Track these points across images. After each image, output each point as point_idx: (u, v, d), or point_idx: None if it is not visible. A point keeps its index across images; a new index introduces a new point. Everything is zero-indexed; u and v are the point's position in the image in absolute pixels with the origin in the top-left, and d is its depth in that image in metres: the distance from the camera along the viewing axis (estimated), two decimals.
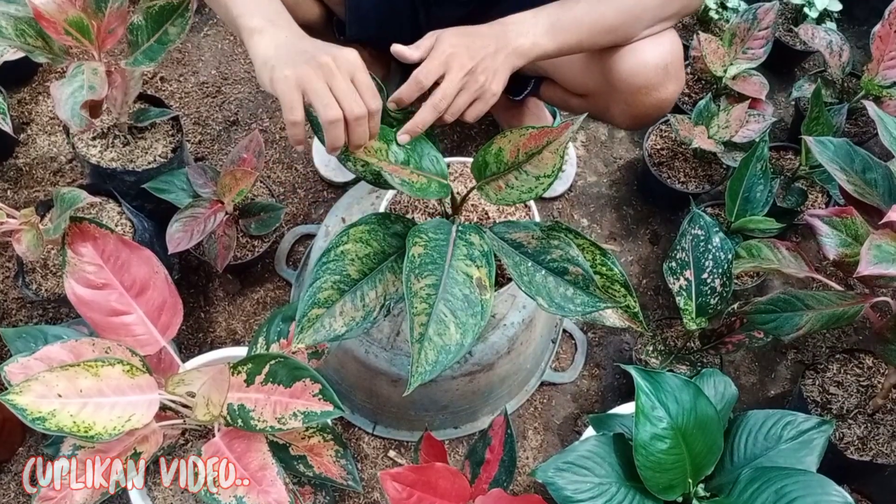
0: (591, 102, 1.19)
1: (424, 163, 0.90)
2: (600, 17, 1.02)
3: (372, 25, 1.23)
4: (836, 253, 0.99)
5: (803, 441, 0.99)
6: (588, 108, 1.21)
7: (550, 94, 1.28)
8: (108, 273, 0.96)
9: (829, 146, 1.08)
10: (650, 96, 1.09)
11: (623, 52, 1.06)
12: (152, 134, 1.32)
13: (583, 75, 1.15)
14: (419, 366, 0.79)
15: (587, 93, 1.17)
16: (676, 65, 1.08)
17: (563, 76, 1.19)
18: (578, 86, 1.18)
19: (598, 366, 1.38)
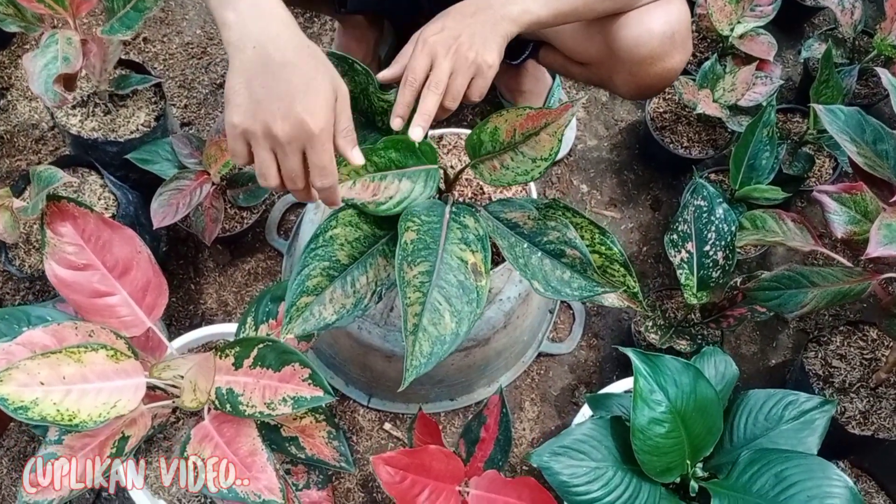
0: (592, 71, 1.13)
1: (410, 160, 0.85)
2: None
3: None
4: (845, 231, 0.96)
5: (805, 421, 0.97)
6: (589, 77, 1.16)
7: (550, 59, 1.23)
8: (89, 253, 0.93)
9: (839, 115, 1.03)
10: (655, 66, 1.04)
11: (627, 19, 1.00)
12: (134, 102, 1.27)
13: (584, 43, 1.09)
14: (413, 359, 0.77)
15: (589, 61, 1.12)
16: (683, 33, 1.03)
17: (563, 43, 1.14)
18: (580, 53, 1.12)
19: (596, 336, 1.36)
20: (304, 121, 0.71)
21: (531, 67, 1.47)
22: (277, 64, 0.71)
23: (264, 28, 0.73)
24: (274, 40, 0.72)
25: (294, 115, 0.71)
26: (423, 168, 0.87)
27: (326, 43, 1.58)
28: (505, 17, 0.91)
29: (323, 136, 0.73)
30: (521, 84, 1.48)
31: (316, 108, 0.72)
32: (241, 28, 0.73)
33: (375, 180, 0.84)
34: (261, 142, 0.73)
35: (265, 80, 0.71)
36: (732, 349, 1.36)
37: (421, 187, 0.86)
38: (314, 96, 0.72)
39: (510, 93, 1.49)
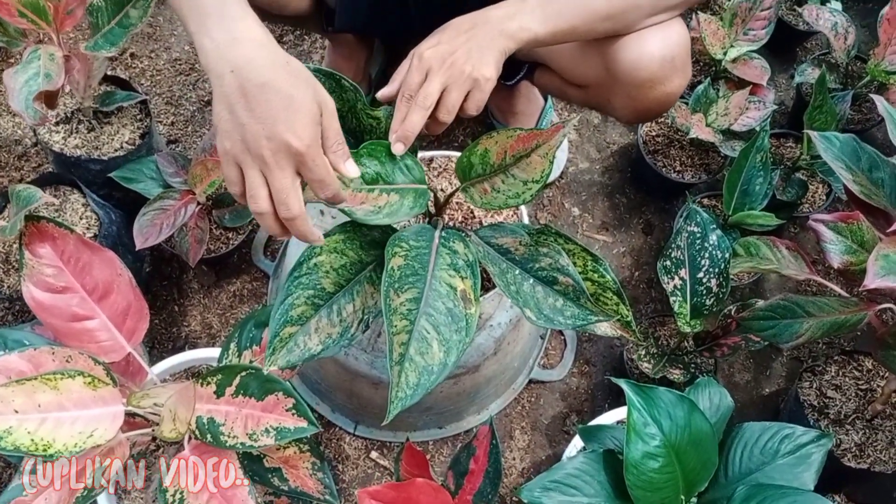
0: (590, 94, 1.11)
1: (397, 175, 0.83)
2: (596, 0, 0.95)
3: (361, 15, 1.15)
4: (841, 261, 0.94)
5: (801, 456, 0.95)
6: (586, 100, 1.14)
7: (546, 81, 1.21)
8: (68, 276, 0.91)
9: (834, 142, 1.02)
10: (655, 90, 1.02)
11: (626, 42, 0.99)
12: (119, 119, 1.25)
13: (582, 65, 1.07)
14: (399, 390, 0.74)
15: (586, 84, 1.10)
16: (684, 57, 1.01)
17: (560, 64, 1.12)
18: (577, 76, 1.10)
19: (588, 363, 1.33)
20: (287, 140, 0.70)
21: (524, 89, 1.45)
22: (255, 86, 0.71)
23: (239, 52, 0.72)
24: (250, 63, 0.72)
25: (277, 135, 0.70)
26: (412, 186, 0.84)
27: (317, 61, 1.57)
28: (503, 33, 0.90)
29: (311, 152, 0.72)
30: (514, 105, 1.46)
31: (298, 125, 0.71)
32: (217, 54, 0.72)
33: (363, 191, 0.82)
34: (250, 165, 0.72)
35: (246, 103, 0.71)
36: (726, 377, 1.34)
37: (410, 202, 0.83)
38: (296, 114, 0.71)
39: (502, 114, 1.48)
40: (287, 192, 0.72)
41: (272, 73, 0.71)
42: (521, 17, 0.91)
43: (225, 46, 0.72)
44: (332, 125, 0.75)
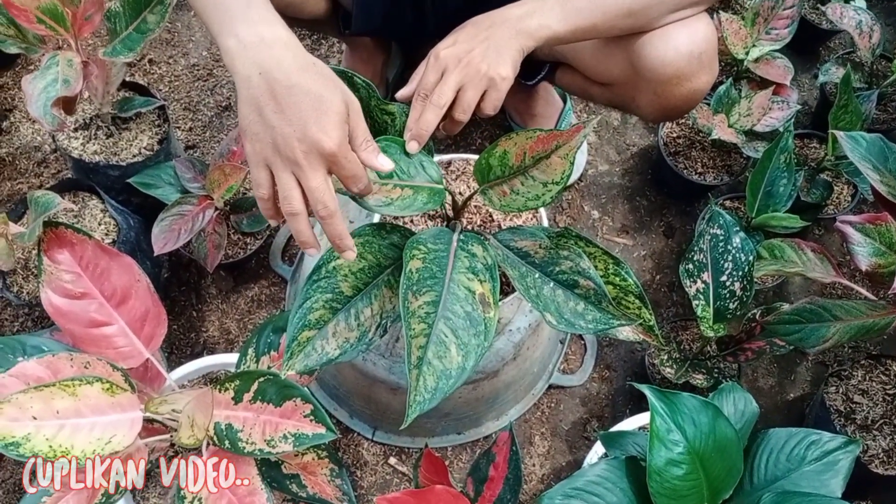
0: (614, 92, 1.09)
1: (412, 171, 0.82)
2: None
3: (378, 18, 1.14)
4: (869, 263, 0.92)
5: (828, 462, 0.92)
6: (610, 98, 1.12)
7: (568, 80, 1.19)
8: (86, 282, 0.91)
9: (861, 142, 1.00)
10: (682, 86, 1.00)
11: (652, 38, 0.97)
12: (137, 124, 1.25)
13: (606, 62, 1.05)
14: (417, 394, 0.73)
15: (611, 81, 1.08)
16: (711, 53, 0.99)
17: (583, 62, 1.10)
18: (601, 73, 1.08)
19: (608, 368, 1.32)
20: (319, 141, 0.70)
21: (542, 90, 1.44)
22: (284, 87, 0.71)
23: (267, 53, 0.72)
24: (279, 64, 0.72)
25: (309, 136, 0.70)
26: (427, 185, 0.83)
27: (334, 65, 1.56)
28: (521, 32, 0.89)
29: (343, 150, 0.72)
30: (532, 107, 1.45)
31: (329, 126, 0.71)
32: (244, 56, 0.72)
33: (377, 184, 0.81)
34: (281, 166, 0.72)
35: (275, 105, 0.71)
36: (749, 382, 1.32)
37: (424, 198, 0.82)
38: (325, 115, 0.71)
39: (520, 116, 1.47)
40: (322, 191, 0.72)
41: (301, 75, 0.71)
42: (539, 14, 0.90)
43: (252, 48, 0.72)
44: (359, 123, 0.75)
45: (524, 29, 0.89)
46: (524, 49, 0.90)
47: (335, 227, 0.74)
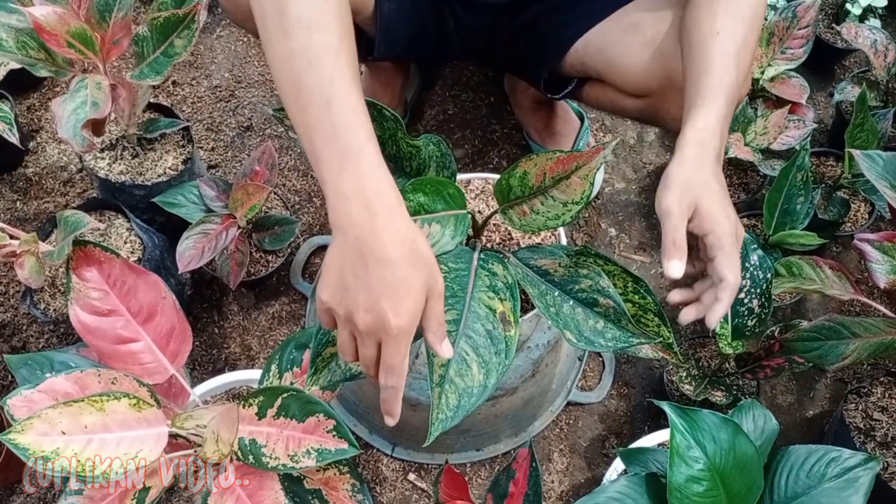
0: (647, 104, 1.09)
1: (439, 204, 0.83)
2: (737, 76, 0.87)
3: (402, 43, 1.15)
4: (888, 281, 0.92)
5: (848, 479, 0.92)
6: (643, 110, 1.12)
7: (597, 94, 1.18)
8: (114, 299, 0.93)
9: (877, 160, 1.01)
10: None
11: None
12: (162, 145, 1.27)
13: (644, 75, 1.05)
14: (440, 412, 0.74)
15: (647, 93, 1.08)
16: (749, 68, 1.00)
17: (620, 77, 1.09)
18: (638, 86, 1.08)
19: (626, 384, 1.32)
20: (385, 318, 0.68)
21: (560, 109, 1.46)
22: (375, 259, 0.69)
23: (369, 222, 0.69)
24: (378, 237, 0.69)
25: (377, 310, 0.69)
26: (452, 213, 0.85)
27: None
28: (718, 170, 0.83)
29: (400, 337, 0.69)
30: (550, 126, 1.46)
31: (401, 308, 0.69)
32: (347, 215, 0.70)
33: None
34: (342, 324, 0.72)
35: (358, 270, 0.69)
36: (768, 400, 1.32)
37: (451, 231, 0.84)
38: (403, 297, 0.69)
39: (538, 134, 1.48)
40: (371, 360, 0.72)
41: (395, 252, 0.69)
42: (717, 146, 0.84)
43: (356, 211, 0.69)
44: (435, 308, 0.72)
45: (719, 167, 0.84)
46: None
47: (388, 397, 0.74)
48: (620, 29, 1.07)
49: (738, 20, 0.87)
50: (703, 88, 0.84)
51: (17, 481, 1.23)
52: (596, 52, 1.10)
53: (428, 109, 1.56)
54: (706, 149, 0.81)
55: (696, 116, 0.83)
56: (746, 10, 0.88)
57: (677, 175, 0.80)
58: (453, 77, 1.60)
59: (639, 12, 1.06)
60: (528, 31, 1.16)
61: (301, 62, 0.72)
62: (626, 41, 1.06)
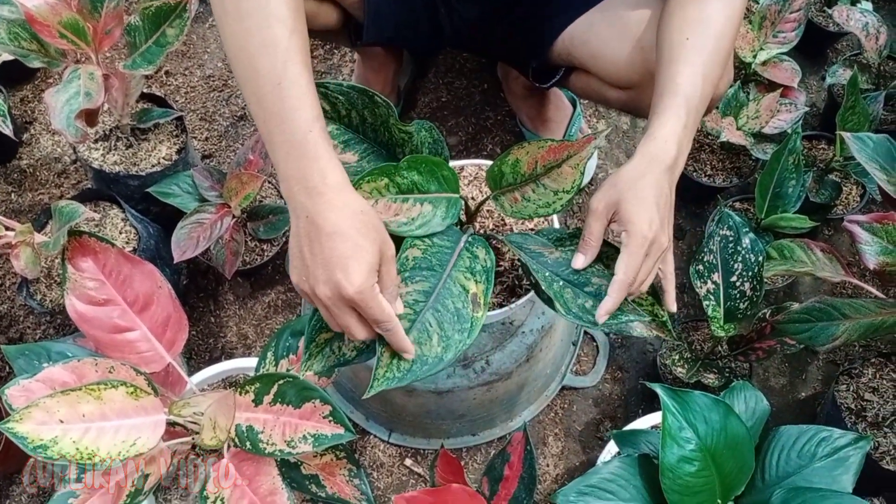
0: (630, 95, 1.10)
1: (432, 185, 0.83)
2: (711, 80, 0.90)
3: (390, 28, 1.16)
4: (877, 262, 0.93)
5: (838, 459, 0.93)
6: (626, 102, 1.13)
7: (583, 84, 1.19)
8: (109, 288, 0.93)
9: (868, 143, 1.02)
10: None
11: None
12: (156, 135, 1.28)
13: (627, 67, 1.06)
14: (388, 370, 0.75)
15: (629, 85, 1.09)
16: (729, 64, 1.01)
17: (603, 68, 1.11)
18: (620, 78, 1.09)
19: (620, 369, 1.33)
20: (341, 285, 0.73)
21: (553, 96, 1.46)
22: (326, 234, 0.74)
23: (317, 201, 0.75)
24: (325, 213, 0.74)
25: (333, 280, 0.74)
26: (444, 195, 0.85)
27: (346, 74, 1.59)
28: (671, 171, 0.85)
29: (364, 297, 0.73)
30: (543, 113, 1.47)
31: (353, 272, 0.73)
32: (296, 197, 0.76)
33: (398, 201, 0.82)
34: (313, 300, 0.77)
35: (314, 247, 0.75)
36: (761, 382, 1.33)
37: (442, 213, 0.84)
38: (355, 262, 0.73)
39: (531, 121, 1.49)
40: (350, 327, 0.76)
41: (344, 224, 0.74)
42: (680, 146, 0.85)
43: (304, 193, 0.75)
44: (389, 271, 0.77)
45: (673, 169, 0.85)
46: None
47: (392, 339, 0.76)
48: (605, 22, 1.08)
49: (709, 28, 0.89)
50: (666, 98, 0.86)
51: (17, 472, 1.24)
52: (581, 44, 1.11)
53: (422, 97, 1.57)
54: (655, 161, 0.83)
55: (654, 126, 0.85)
56: (717, 16, 0.89)
57: (613, 178, 0.84)
58: (447, 64, 1.60)
59: (623, 7, 1.07)
60: (517, 21, 1.17)
61: (254, 47, 0.78)
62: (610, 34, 1.07)
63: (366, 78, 1.43)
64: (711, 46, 0.88)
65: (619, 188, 0.83)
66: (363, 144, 0.87)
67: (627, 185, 0.83)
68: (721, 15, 0.90)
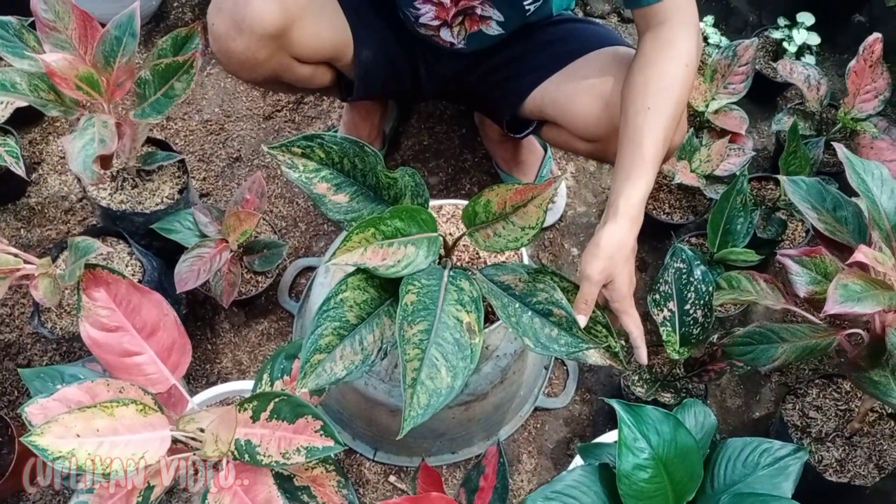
0: (597, 147, 1.24)
1: (413, 228, 0.94)
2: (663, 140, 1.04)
3: (378, 85, 1.29)
4: (807, 291, 1.05)
5: (779, 468, 1.03)
6: (592, 151, 1.27)
7: (553, 135, 1.33)
8: (120, 316, 1.01)
9: (801, 185, 1.14)
10: None
11: None
12: (159, 176, 1.38)
13: (595, 124, 1.20)
14: (412, 409, 0.85)
15: (596, 139, 1.22)
16: (683, 118, 1.16)
17: (572, 123, 1.24)
18: (588, 133, 1.23)
19: (589, 391, 1.44)
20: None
21: (526, 142, 1.58)
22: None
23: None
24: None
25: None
26: (425, 236, 0.97)
27: (335, 120, 1.70)
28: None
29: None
30: (517, 156, 1.59)
31: None
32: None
33: (384, 247, 0.93)
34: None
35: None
36: (718, 402, 1.44)
37: (424, 251, 0.95)
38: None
39: (506, 163, 1.61)
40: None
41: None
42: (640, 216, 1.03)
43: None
44: None
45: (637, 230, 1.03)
46: None
47: None
48: (573, 83, 1.22)
49: (667, 95, 1.04)
50: (637, 161, 1.01)
51: (24, 489, 1.31)
52: (551, 102, 1.24)
53: (405, 140, 1.69)
54: (633, 222, 1.01)
55: (629, 189, 1.01)
56: (673, 84, 1.04)
57: (606, 246, 0.99)
58: (428, 111, 1.72)
59: (589, 68, 1.21)
60: (491, 78, 1.29)
61: None
62: (578, 93, 1.21)
63: (354, 123, 1.55)
64: (670, 112, 1.04)
65: (615, 261, 1.00)
66: (353, 187, 0.98)
67: (621, 258, 1.01)
68: (677, 82, 1.04)
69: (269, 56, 1.16)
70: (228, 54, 1.16)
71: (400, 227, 0.94)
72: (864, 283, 0.97)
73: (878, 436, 1.24)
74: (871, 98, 1.44)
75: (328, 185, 0.96)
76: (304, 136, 0.93)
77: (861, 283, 0.97)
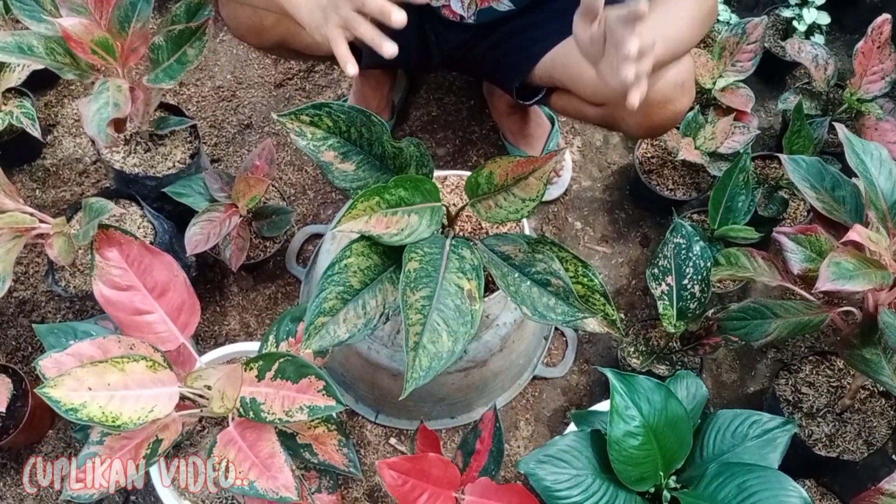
0: (606, 112, 1.25)
1: (417, 197, 0.97)
2: None
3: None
4: (801, 268, 1.07)
5: (767, 439, 1.06)
6: (602, 117, 1.28)
7: (563, 103, 1.34)
8: (132, 276, 1.04)
9: (801, 164, 1.16)
10: (666, 109, 1.17)
11: None
12: (171, 140, 1.41)
13: (602, 88, 1.20)
14: (413, 371, 0.88)
15: (605, 103, 1.24)
16: (690, 81, 1.17)
17: (582, 89, 1.25)
18: (597, 97, 1.24)
19: (587, 361, 1.47)
20: None
21: (533, 114, 1.60)
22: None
23: None
24: None
25: None
26: (428, 205, 0.99)
27: (345, 88, 1.72)
28: None
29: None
30: (524, 129, 1.61)
31: None
32: None
33: (388, 215, 0.96)
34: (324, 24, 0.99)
35: None
36: (714, 376, 1.47)
37: (427, 220, 0.98)
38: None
39: (513, 136, 1.63)
40: (350, 20, 0.96)
41: None
42: None
43: None
44: None
45: None
46: None
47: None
48: None
49: None
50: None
51: (37, 442, 1.36)
52: (561, 67, 1.25)
53: (413, 111, 1.71)
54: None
55: None
56: None
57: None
58: (437, 82, 1.74)
59: None
60: (501, 46, 1.31)
61: None
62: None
63: (363, 94, 1.57)
64: None
65: None
66: (360, 156, 1.00)
67: None
68: None
69: (275, 22, 1.18)
70: (237, 20, 1.18)
71: (404, 196, 0.97)
72: (857, 261, 0.99)
73: (868, 412, 1.27)
74: (877, 79, 1.45)
75: (335, 154, 0.99)
76: (312, 104, 0.96)
77: (854, 261, 0.99)
